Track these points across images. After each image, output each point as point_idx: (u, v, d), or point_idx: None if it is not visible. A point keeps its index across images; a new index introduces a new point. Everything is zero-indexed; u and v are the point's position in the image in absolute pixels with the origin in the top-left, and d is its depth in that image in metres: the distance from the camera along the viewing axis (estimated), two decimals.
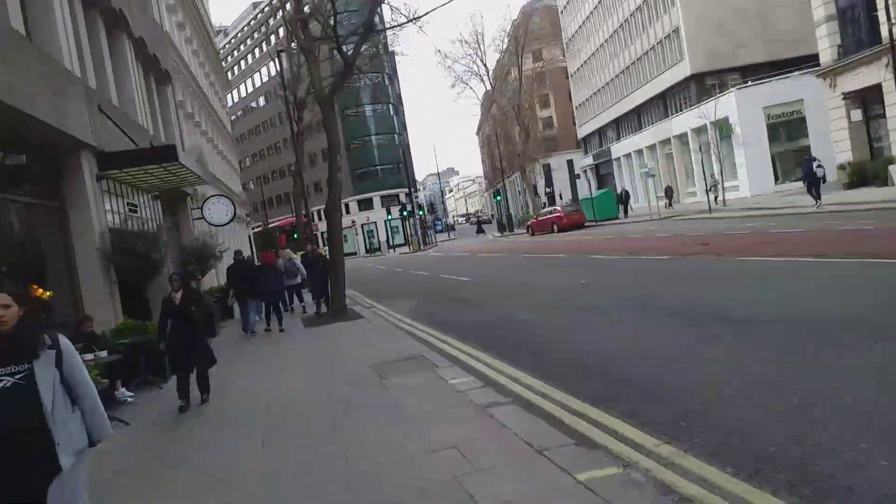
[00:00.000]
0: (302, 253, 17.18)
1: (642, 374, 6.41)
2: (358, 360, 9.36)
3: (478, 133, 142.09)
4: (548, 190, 70.49)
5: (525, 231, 43.31)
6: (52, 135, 9.31)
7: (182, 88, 23.11)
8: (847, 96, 26.77)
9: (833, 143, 28.64)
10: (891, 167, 24.54)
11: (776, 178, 36.56)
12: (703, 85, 42.85)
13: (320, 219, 38.01)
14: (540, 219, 39.08)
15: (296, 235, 29.56)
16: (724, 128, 36.22)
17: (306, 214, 24.03)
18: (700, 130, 41.41)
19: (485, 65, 48.42)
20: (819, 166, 23.64)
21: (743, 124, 35.63)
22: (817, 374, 5.55)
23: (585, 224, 36.86)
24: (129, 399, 8.79)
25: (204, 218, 19.60)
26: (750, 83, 36.92)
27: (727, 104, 36.02)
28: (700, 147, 36.96)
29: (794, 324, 7.31)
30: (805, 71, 36.09)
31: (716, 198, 32.96)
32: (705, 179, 33.07)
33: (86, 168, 10.47)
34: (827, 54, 27.82)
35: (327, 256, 16.09)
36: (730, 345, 6.97)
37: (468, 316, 12.19)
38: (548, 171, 72.41)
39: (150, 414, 8.11)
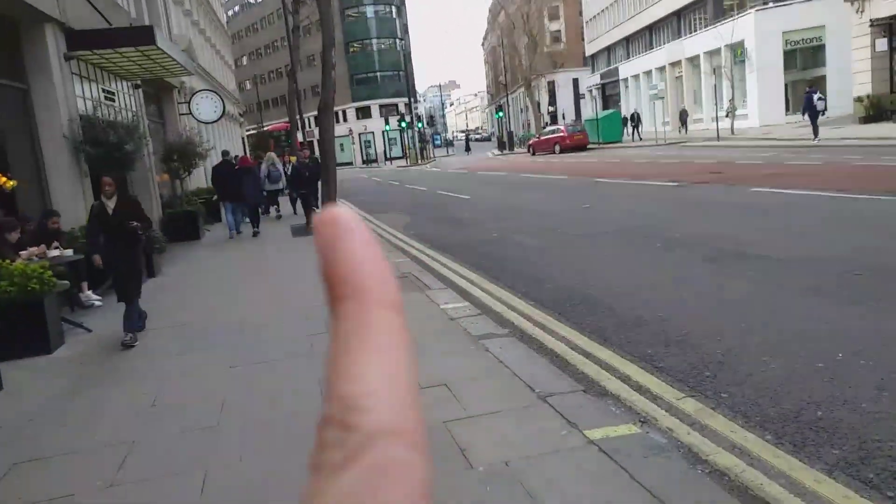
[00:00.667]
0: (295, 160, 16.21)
1: (655, 314, 5.79)
2: None
3: (483, 44, 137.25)
4: (551, 108, 68.43)
5: (526, 150, 42.13)
6: (9, 1, 8.25)
7: None
8: (875, 24, 25.26)
9: (853, 73, 27.30)
10: None
11: (787, 109, 35.27)
12: (721, 4, 40.67)
13: (317, 125, 36.69)
14: (542, 138, 37.85)
15: (289, 140, 28.43)
16: (738, 51, 34.59)
17: (300, 118, 22.79)
18: (713, 53, 39.63)
19: None
20: (820, 99, 22.75)
21: (759, 49, 33.92)
22: (866, 323, 4.91)
23: (589, 146, 35.75)
24: (95, 303, 8.17)
25: (191, 113, 18.54)
26: (771, 4, 34.89)
27: (745, 26, 34.16)
28: (713, 71, 35.31)
29: (821, 265, 6.66)
30: None
31: (732, 124, 31.53)
32: (716, 105, 31.78)
33: (51, 45, 9.42)
34: None
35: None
36: (751, 284, 6.33)
37: (465, 236, 11.50)
38: (552, 88, 69.98)
39: (116, 320, 7.48)
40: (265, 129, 47.59)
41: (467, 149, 60.74)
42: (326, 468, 0.22)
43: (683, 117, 41.27)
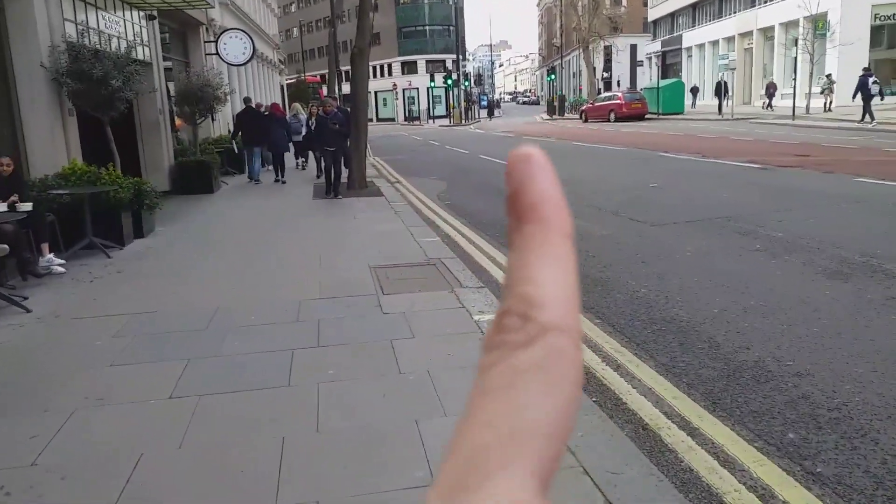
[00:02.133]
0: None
1: (782, 362, 4.03)
2: (358, 253, 7.08)
3: (538, 4, 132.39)
4: (605, 75, 64.98)
5: (577, 116, 39.63)
6: None
7: None
8: None
9: None
10: None
11: (880, 88, 32.05)
12: None
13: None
14: (596, 104, 35.34)
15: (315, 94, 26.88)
16: (820, 23, 31.28)
17: (338, 70, 20.94)
18: (790, 25, 36.32)
19: None
20: (875, 82, 22.43)
21: (844, 21, 30.63)
22: None
23: (647, 116, 33.21)
24: (56, 269, 6.69)
25: (218, 54, 16.96)
26: None
27: None
28: (794, 42, 32.21)
29: None
30: None
31: (829, 102, 28.20)
32: (795, 80, 28.76)
33: None
34: None
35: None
36: None
37: (498, 205, 9.71)
38: (608, 53, 66.43)
39: (73, 296, 5.98)
40: (303, 78, 45.84)
41: (490, 113, 57.07)
42: (508, 346, 0.26)
43: (771, 91, 37.79)
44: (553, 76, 54.05)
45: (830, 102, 27.61)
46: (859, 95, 22.54)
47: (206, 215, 10.34)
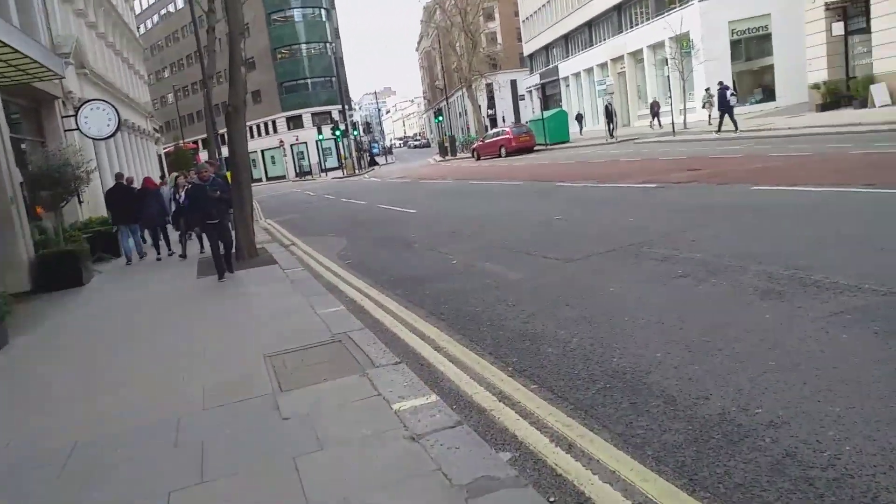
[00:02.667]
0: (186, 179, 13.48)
1: (760, 415, 3.52)
2: (250, 340, 6.16)
3: (417, 49, 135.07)
4: (490, 112, 66.63)
5: (470, 155, 39.97)
6: None
7: None
8: (830, 7, 24.10)
9: (807, 60, 26.13)
10: (872, 87, 22.28)
11: (737, 100, 34.23)
12: None
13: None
14: (487, 141, 35.72)
15: (203, 154, 25.51)
16: (684, 42, 33.16)
17: (216, 133, 19.68)
18: (657, 47, 38.44)
19: None
20: (732, 94, 24.92)
21: (706, 39, 32.66)
22: None
23: (535, 147, 33.85)
24: None
25: (79, 128, 15.54)
26: None
27: (690, 17, 32.81)
28: (666, 62, 33.97)
29: None
30: None
31: (711, 115, 29.19)
32: (670, 98, 30.16)
33: None
34: None
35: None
36: (880, 338, 4.14)
37: (417, 265, 9.06)
38: (490, 91, 68.27)
39: None
40: (182, 144, 43.92)
41: (372, 163, 56.05)
42: None
43: (655, 109, 39.36)
44: (441, 118, 54.67)
45: (711, 115, 28.91)
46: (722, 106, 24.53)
47: (72, 315, 9.02)
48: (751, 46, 34.37)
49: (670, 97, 30.05)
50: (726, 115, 24.30)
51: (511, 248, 9.08)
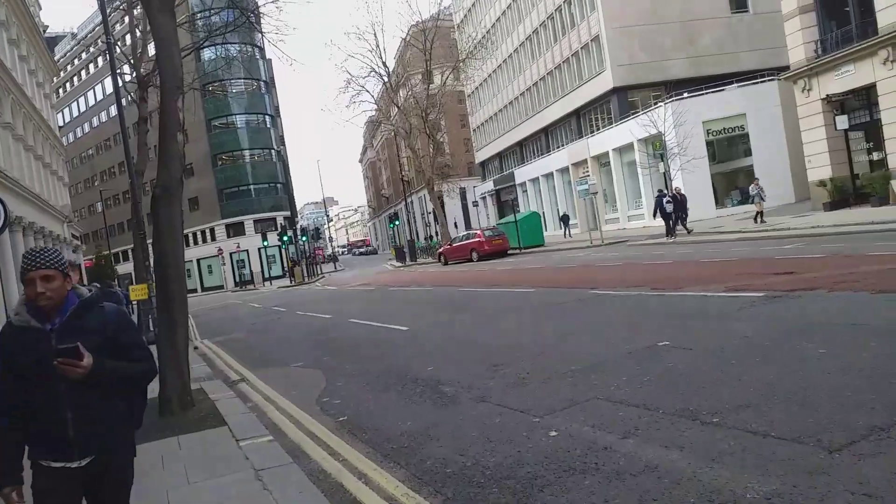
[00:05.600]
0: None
1: None
2: None
3: (361, 160, 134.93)
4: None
5: (435, 260, 36.56)
6: None
7: None
8: (830, 100, 22.56)
9: (806, 157, 24.37)
10: (894, 182, 20.32)
11: (716, 202, 32.51)
12: (625, 100, 38.64)
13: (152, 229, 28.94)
14: (455, 245, 32.41)
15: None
16: (657, 144, 31.49)
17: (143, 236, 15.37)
18: (624, 150, 36.99)
19: (384, 63, 41.26)
20: (668, 202, 24.02)
21: (680, 141, 30.92)
22: None
23: (509, 251, 30.77)
24: None
25: None
26: (686, 94, 32.68)
27: (660, 119, 31.21)
28: (648, 163, 32.13)
29: None
30: (741, 84, 32.67)
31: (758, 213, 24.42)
32: (640, 202, 27.74)
33: None
34: (800, 52, 23.61)
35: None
36: None
37: (478, 435, 5.08)
38: (440, 198, 66.26)
39: None
40: (104, 254, 39.04)
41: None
42: None
43: (566, 220, 38.89)
44: (397, 221, 51.67)
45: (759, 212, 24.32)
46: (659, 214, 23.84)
47: None
48: (730, 146, 33.14)
49: (639, 200, 27.73)
50: (674, 221, 23.95)
51: (634, 399, 5.26)
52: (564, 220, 38.69)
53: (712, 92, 32.27)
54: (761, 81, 31.84)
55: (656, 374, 5.84)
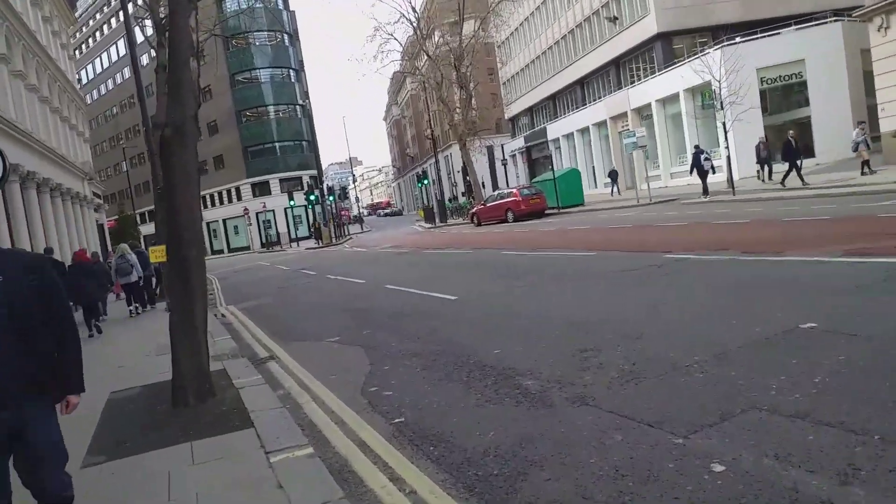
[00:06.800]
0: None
1: None
2: None
3: (385, 118, 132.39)
4: (467, 179, 62.43)
5: (467, 221, 35.00)
6: None
7: None
8: None
9: (879, 104, 22.20)
10: None
11: (770, 157, 30.28)
12: (670, 46, 36.17)
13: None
14: (489, 205, 30.84)
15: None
16: (707, 93, 29.21)
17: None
18: (668, 101, 34.74)
19: (413, 9, 39.23)
20: (706, 159, 23.48)
21: (735, 90, 28.59)
22: None
23: (547, 211, 29.12)
24: None
25: None
26: (739, 39, 30.18)
27: (715, 63, 28.86)
28: (695, 114, 30.02)
29: None
30: (800, 27, 30.08)
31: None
32: (728, 149, 25.78)
33: None
34: None
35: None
36: None
37: (605, 472, 3.65)
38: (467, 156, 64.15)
39: None
40: (128, 215, 38.15)
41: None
42: None
43: (614, 176, 36.45)
44: (426, 180, 49.99)
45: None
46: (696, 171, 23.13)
47: None
48: (786, 96, 30.72)
49: (727, 147, 25.68)
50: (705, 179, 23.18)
51: (821, 412, 3.78)
52: (612, 176, 36.52)
53: (769, 35, 29.78)
54: (823, 23, 29.22)
55: (830, 372, 4.33)
